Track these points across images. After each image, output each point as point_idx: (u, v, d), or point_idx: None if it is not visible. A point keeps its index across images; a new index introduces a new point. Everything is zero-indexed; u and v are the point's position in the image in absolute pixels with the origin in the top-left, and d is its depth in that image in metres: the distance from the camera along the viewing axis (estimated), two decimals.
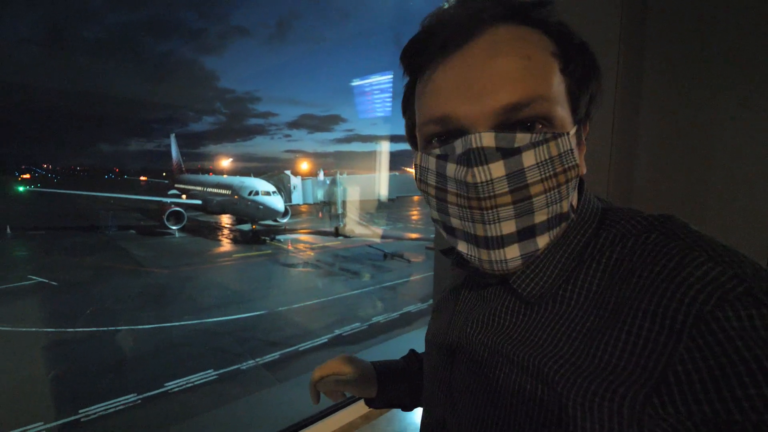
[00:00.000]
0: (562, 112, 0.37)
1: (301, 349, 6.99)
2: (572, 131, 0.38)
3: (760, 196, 0.78)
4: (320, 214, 19.99)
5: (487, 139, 0.36)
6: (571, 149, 0.37)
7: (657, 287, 0.33)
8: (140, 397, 5.46)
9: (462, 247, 0.42)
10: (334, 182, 16.96)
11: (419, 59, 0.40)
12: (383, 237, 17.23)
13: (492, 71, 0.36)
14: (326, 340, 7.37)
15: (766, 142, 0.77)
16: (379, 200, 17.90)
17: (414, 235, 17.55)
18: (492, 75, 0.36)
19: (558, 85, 0.37)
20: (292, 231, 18.75)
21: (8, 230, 17.65)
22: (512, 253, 0.38)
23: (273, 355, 6.76)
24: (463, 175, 0.37)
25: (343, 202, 16.99)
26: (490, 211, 0.37)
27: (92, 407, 5.20)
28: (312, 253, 14.72)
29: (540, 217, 0.37)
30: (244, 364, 6.46)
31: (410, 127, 0.46)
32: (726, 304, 0.29)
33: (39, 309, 8.48)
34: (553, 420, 0.35)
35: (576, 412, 0.34)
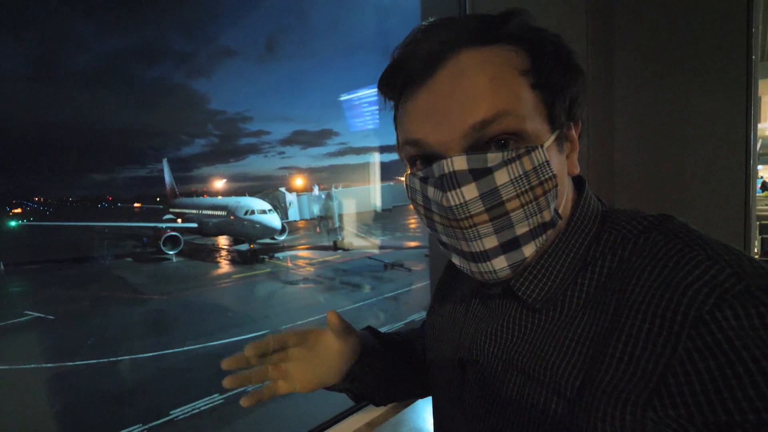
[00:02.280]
0: (534, 124, 0.37)
1: None
2: (549, 141, 0.38)
3: (729, 180, 0.83)
4: (317, 229, 19.93)
5: (459, 163, 0.37)
6: (546, 161, 0.37)
7: (656, 289, 0.33)
8: (145, 427, 5.34)
9: (455, 260, 0.43)
10: (329, 196, 16.96)
11: (392, 92, 0.43)
12: (382, 247, 17.19)
13: (456, 96, 0.37)
14: None
15: (730, 131, 0.82)
16: (375, 211, 17.91)
17: (413, 244, 17.51)
18: (456, 99, 0.37)
19: (527, 99, 0.37)
20: (291, 248, 18.66)
21: (1, 266, 17.41)
22: (500, 264, 0.39)
23: None
24: (439, 198, 0.38)
25: (340, 216, 16.97)
26: (469, 230, 0.38)
27: None
28: (312, 269, 14.63)
29: (521, 230, 0.38)
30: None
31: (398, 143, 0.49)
32: (724, 303, 0.29)
33: (37, 344, 8.31)
34: (563, 429, 0.36)
35: (584, 421, 0.34)
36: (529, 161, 0.36)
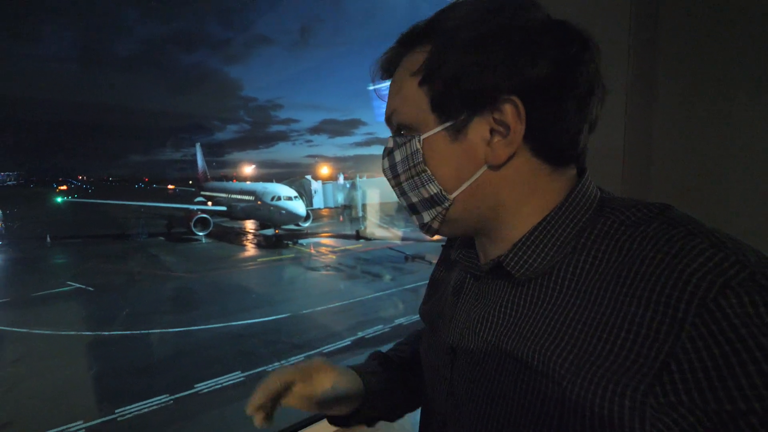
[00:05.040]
0: (419, 118, 0.43)
1: (325, 351, 7.05)
2: (430, 132, 0.42)
3: None
4: (341, 218, 20.17)
5: (388, 142, 0.48)
6: (417, 150, 0.43)
7: (659, 276, 0.32)
8: (172, 397, 5.65)
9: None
10: (354, 186, 17.10)
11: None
12: (404, 239, 17.20)
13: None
14: (350, 342, 7.41)
15: None
16: (398, 203, 17.88)
17: (435, 237, 17.39)
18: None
19: (413, 97, 0.43)
20: (314, 235, 18.99)
21: (48, 239, 18.66)
22: (426, 217, 0.46)
23: (298, 357, 6.85)
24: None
25: (364, 205, 17.08)
26: (395, 188, 0.48)
27: (128, 407, 5.41)
28: (334, 257, 14.86)
29: (414, 198, 0.46)
30: (270, 365, 6.57)
31: None
32: (729, 290, 0.29)
33: (77, 313, 8.91)
34: (555, 415, 0.36)
35: (578, 406, 0.34)
36: (407, 148, 0.44)
